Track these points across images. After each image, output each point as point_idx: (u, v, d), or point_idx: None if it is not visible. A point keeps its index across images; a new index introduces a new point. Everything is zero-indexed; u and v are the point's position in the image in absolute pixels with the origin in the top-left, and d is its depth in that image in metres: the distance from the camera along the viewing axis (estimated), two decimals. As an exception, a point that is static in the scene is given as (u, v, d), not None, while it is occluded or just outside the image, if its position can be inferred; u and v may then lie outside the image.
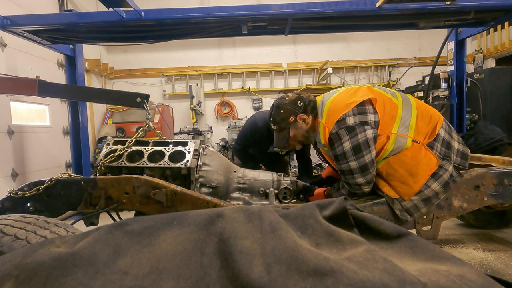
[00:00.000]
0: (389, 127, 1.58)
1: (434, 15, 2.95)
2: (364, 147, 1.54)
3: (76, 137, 3.82)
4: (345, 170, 1.61)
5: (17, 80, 2.45)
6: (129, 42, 3.62)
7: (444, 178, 1.58)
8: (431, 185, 1.58)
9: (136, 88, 6.72)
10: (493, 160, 2.10)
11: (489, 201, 1.70)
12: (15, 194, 1.56)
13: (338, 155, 1.60)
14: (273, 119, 1.81)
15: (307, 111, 1.74)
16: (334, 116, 1.59)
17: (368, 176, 1.59)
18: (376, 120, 1.57)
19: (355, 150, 1.54)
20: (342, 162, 1.60)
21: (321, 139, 1.67)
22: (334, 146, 1.60)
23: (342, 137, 1.56)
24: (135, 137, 1.86)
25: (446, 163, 1.60)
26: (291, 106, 1.75)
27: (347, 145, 1.56)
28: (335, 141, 1.59)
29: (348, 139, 1.55)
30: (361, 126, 1.54)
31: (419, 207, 1.59)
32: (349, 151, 1.56)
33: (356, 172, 1.58)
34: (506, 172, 1.69)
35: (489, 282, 0.59)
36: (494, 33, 5.64)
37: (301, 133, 1.78)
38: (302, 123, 1.75)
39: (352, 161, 1.56)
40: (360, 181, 1.60)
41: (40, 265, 0.57)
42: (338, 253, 0.70)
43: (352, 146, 1.54)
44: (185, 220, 0.73)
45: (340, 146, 1.57)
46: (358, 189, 1.64)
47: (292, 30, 3.20)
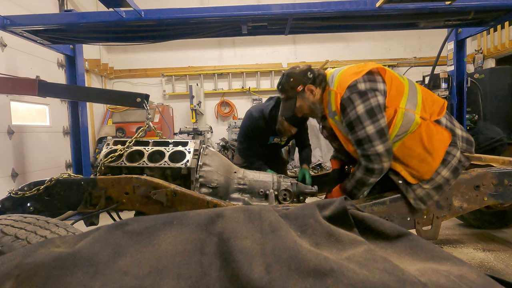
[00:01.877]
0: (397, 101, 1.57)
1: (434, 15, 2.95)
2: (377, 111, 1.52)
3: (76, 137, 3.82)
4: (362, 138, 1.53)
5: (17, 80, 2.45)
6: (129, 42, 3.61)
7: (452, 164, 1.59)
8: (441, 172, 1.58)
9: (136, 88, 6.72)
10: (493, 160, 2.10)
11: (489, 201, 1.70)
12: (15, 194, 1.56)
13: (352, 120, 1.55)
14: (282, 87, 1.82)
15: (315, 83, 1.74)
16: (345, 82, 1.59)
17: (386, 143, 1.52)
18: (384, 89, 1.57)
19: (369, 113, 1.52)
20: (358, 129, 1.54)
21: (332, 107, 1.65)
22: (346, 111, 1.56)
23: (355, 101, 1.54)
24: (135, 137, 1.86)
25: (453, 148, 1.60)
26: (301, 76, 1.76)
27: (360, 108, 1.53)
28: (348, 106, 1.55)
29: (361, 103, 1.53)
30: (372, 91, 1.54)
31: (431, 195, 1.60)
32: (364, 115, 1.52)
33: (374, 138, 1.51)
34: (506, 172, 1.69)
35: (489, 282, 0.59)
36: (494, 33, 5.64)
37: (307, 104, 1.77)
38: (309, 94, 1.74)
39: (369, 125, 1.52)
40: (380, 149, 1.52)
41: (40, 265, 0.57)
42: (338, 253, 0.70)
43: (366, 110, 1.52)
44: (185, 220, 0.73)
45: (353, 110, 1.54)
46: (378, 161, 1.53)
47: (292, 30, 3.21)
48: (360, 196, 1.68)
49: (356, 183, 1.64)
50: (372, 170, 1.57)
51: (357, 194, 1.67)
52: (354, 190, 1.66)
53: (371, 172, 1.57)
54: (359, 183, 1.63)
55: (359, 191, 1.66)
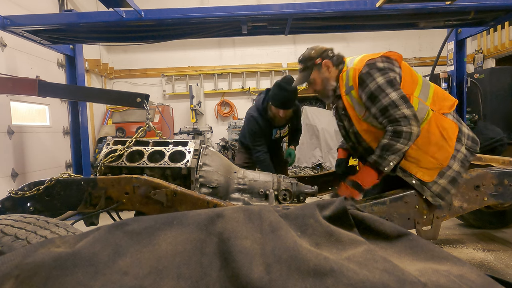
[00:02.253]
0: (412, 89, 1.61)
1: (434, 15, 2.95)
2: (396, 83, 1.56)
3: (76, 137, 3.82)
4: (388, 104, 1.52)
5: (17, 80, 2.45)
6: (129, 42, 3.62)
7: (459, 158, 1.63)
8: (452, 165, 1.61)
9: (136, 88, 6.72)
10: (493, 160, 2.10)
11: (489, 201, 1.70)
12: (15, 194, 1.56)
13: (373, 90, 1.55)
14: (303, 57, 1.87)
15: (333, 61, 1.80)
16: (363, 61, 1.63)
17: (412, 109, 1.52)
18: (400, 73, 1.62)
19: (390, 83, 1.54)
20: (382, 97, 1.53)
21: (349, 81, 1.67)
22: (365, 83, 1.58)
23: (374, 74, 1.57)
24: (135, 137, 1.86)
25: (457, 144, 1.63)
26: (322, 51, 1.82)
27: (380, 79, 1.55)
28: (366, 79, 1.58)
29: (381, 75, 1.56)
30: (389, 69, 1.59)
31: (448, 189, 1.61)
32: (385, 84, 1.54)
33: (400, 103, 1.51)
34: (506, 172, 1.69)
35: (489, 282, 0.59)
36: (494, 33, 5.64)
37: (320, 78, 1.81)
38: (325, 69, 1.79)
39: (392, 92, 1.52)
40: (408, 112, 1.50)
41: (40, 265, 0.57)
42: (338, 253, 0.70)
43: (386, 81, 1.54)
44: (185, 220, 0.73)
45: (374, 81, 1.56)
46: (407, 123, 1.49)
47: (292, 30, 3.21)
48: (386, 169, 1.53)
49: (381, 150, 1.54)
50: (400, 132, 1.50)
51: (382, 164, 1.54)
52: (379, 160, 1.55)
53: (399, 134, 1.51)
54: (384, 149, 1.53)
55: (384, 159, 1.53)
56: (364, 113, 1.66)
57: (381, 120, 1.59)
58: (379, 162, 1.55)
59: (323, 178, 2.60)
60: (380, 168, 1.56)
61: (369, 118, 1.65)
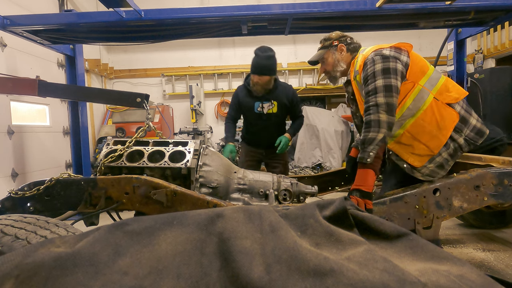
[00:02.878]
0: (417, 78, 1.69)
1: (434, 15, 2.95)
2: (393, 72, 1.62)
3: (76, 137, 3.82)
4: (370, 90, 1.62)
5: (17, 80, 2.45)
6: (129, 42, 3.62)
7: (452, 147, 1.70)
8: (442, 153, 1.69)
9: (136, 88, 6.72)
10: (493, 160, 2.10)
11: (489, 201, 1.69)
12: (15, 194, 1.55)
13: (368, 75, 1.66)
14: (323, 38, 2.01)
15: (348, 46, 1.94)
16: (373, 49, 1.75)
17: (390, 98, 1.58)
18: (407, 62, 1.68)
19: (384, 71, 1.63)
20: (369, 82, 1.64)
21: (356, 66, 1.79)
22: (367, 67, 1.69)
23: (376, 61, 1.67)
24: (135, 137, 1.86)
25: (455, 134, 1.70)
26: (341, 35, 1.98)
27: (378, 66, 1.64)
28: (369, 64, 1.68)
29: (381, 63, 1.65)
30: (394, 58, 1.66)
31: (437, 171, 1.71)
32: (379, 71, 1.63)
33: (379, 90, 1.60)
34: (506, 172, 1.69)
35: (489, 282, 0.59)
36: (494, 33, 5.64)
37: (333, 59, 1.95)
38: (339, 52, 1.93)
39: (379, 80, 1.62)
40: (381, 100, 1.58)
41: (40, 265, 0.57)
42: (338, 253, 0.70)
43: (383, 68, 1.63)
44: (185, 220, 0.73)
45: (372, 67, 1.66)
46: (375, 111, 1.57)
47: (292, 30, 3.21)
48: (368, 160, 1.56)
49: (360, 145, 1.62)
50: (369, 122, 1.58)
51: (364, 157, 1.58)
52: (361, 155, 1.60)
53: (368, 124, 1.59)
54: (361, 143, 1.61)
55: (364, 152, 1.58)
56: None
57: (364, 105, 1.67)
58: (361, 157, 1.60)
59: (323, 178, 2.60)
60: (364, 161, 1.59)
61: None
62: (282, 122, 2.95)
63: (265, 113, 2.74)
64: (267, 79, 2.62)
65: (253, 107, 2.76)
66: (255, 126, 2.85)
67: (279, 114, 2.79)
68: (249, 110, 2.79)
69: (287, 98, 2.79)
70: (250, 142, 2.97)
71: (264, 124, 2.79)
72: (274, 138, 2.76)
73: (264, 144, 2.88)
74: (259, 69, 2.59)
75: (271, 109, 2.75)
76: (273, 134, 2.79)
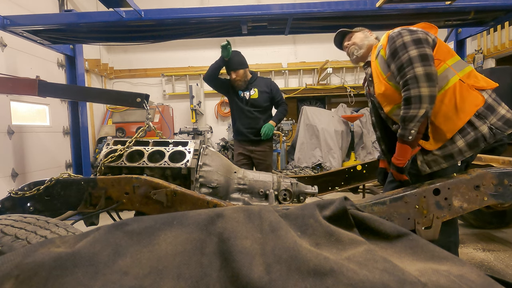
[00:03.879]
0: (445, 57, 1.60)
1: (434, 15, 2.95)
2: (424, 42, 1.54)
3: (76, 137, 3.82)
4: (404, 62, 1.52)
5: (17, 80, 2.45)
6: (129, 42, 3.62)
7: (471, 136, 1.57)
8: (457, 141, 1.59)
9: (136, 88, 6.72)
10: (493, 160, 2.10)
11: (489, 201, 1.69)
12: (15, 194, 1.55)
13: (397, 47, 1.57)
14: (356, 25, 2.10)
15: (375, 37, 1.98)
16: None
17: (428, 67, 1.48)
18: (434, 39, 1.60)
19: (415, 41, 1.53)
20: (402, 53, 1.54)
21: (382, 41, 1.73)
22: (393, 40, 1.60)
23: (403, 33, 1.58)
24: (135, 137, 1.86)
25: (479, 121, 1.58)
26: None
27: (407, 38, 1.55)
28: (396, 37, 1.60)
29: (409, 35, 1.56)
30: (422, 32, 1.59)
31: (439, 162, 1.64)
32: (409, 42, 1.54)
33: (415, 60, 1.49)
34: (506, 172, 1.69)
35: (489, 282, 0.59)
36: (494, 33, 5.64)
37: (359, 38, 1.95)
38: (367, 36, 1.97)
39: (412, 50, 1.51)
40: (419, 71, 1.47)
41: (40, 265, 0.57)
42: (338, 253, 0.70)
43: (413, 39, 1.54)
44: (185, 220, 0.73)
45: (401, 39, 1.57)
46: (414, 85, 1.48)
47: (292, 30, 3.21)
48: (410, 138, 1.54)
49: (401, 122, 1.57)
50: (408, 98, 1.50)
51: (405, 134, 1.56)
52: (402, 132, 1.57)
53: (408, 101, 1.51)
54: (402, 120, 1.56)
55: (405, 129, 1.55)
56: (388, 74, 1.68)
57: (398, 80, 1.59)
58: (402, 134, 1.58)
59: (323, 178, 2.60)
60: (405, 139, 1.58)
61: (392, 78, 1.67)
62: (266, 109, 3.12)
63: (248, 99, 3.05)
64: (242, 72, 2.97)
65: (238, 93, 3.07)
66: (241, 111, 3.06)
67: (260, 99, 3.05)
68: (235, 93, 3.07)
69: (266, 85, 3.10)
70: (240, 131, 3.11)
71: (249, 109, 3.03)
72: (261, 125, 3.03)
73: (254, 132, 3.05)
74: (233, 66, 2.93)
75: (253, 95, 3.06)
76: (258, 121, 3.04)
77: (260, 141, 3.06)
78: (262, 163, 3.09)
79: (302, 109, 6.60)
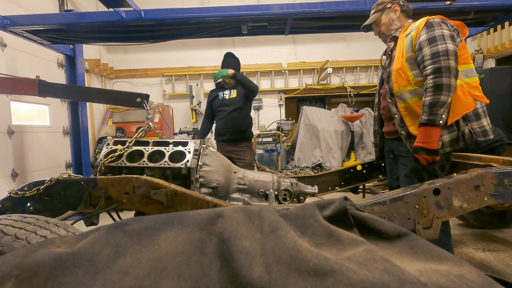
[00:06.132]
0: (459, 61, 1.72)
1: (434, 15, 2.95)
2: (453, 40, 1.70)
3: (76, 137, 3.82)
4: (442, 50, 1.66)
5: (17, 80, 2.45)
6: (129, 42, 3.62)
7: (455, 134, 1.75)
8: (443, 135, 1.74)
9: (136, 88, 6.72)
10: (493, 160, 2.10)
11: (489, 201, 1.69)
12: (15, 194, 1.55)
13: (436, 35, 1.70)
14: (377, 3, 2.08)
15: (402, 8, 2.01)
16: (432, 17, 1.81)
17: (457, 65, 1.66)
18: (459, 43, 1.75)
19: (452, 37, 1.70)
20: (440, 42, 1.67)
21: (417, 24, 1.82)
22: (433, 27, 1.73)
23: (442, 25, 1.73)
24: (135, 137, 1.86)
25: (462, 121, 1.75)
26: None
27: (446, 31, 1.70)
28: (435, 25, 1.73)
29: (448, 29, 1.72)
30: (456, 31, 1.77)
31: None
32: (448, 36, 1.69)
33: (451, 54, 1.65)
34: (506, 172, 1.69)
35: (489, 282, 0.59)
36: (494, 33, 5.64)
37: (387, 19, 2.01)
38: (393, 12, 2.00)
39: (450, 44, 1.66)
40: (453, 64, 1.64)
41: (40, 265, 0.57)
42: (338, 253, 0.70)
43: (450, 34, 1.70)
44: (185, 220, 0.73)
45: (440, 29, 1.71)
46: (448, 75, 1.63)
47: (292, 30, 3.21)
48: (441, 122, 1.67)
49: (429, 108, 1.67)
50: (441, 85, 1.64)
51: (436, 119, 1.67)
52: (431, 117, 1.67)
53: (439, 88, 1.64)
54: (432, 105, 1.66)
55: (436, 114, 1.66)
56: (411, 54, 1.80)
57: (427, 64, 1.70)
58: (433, 119, 1.67)
59: (323, 178, 2.60)
60: (436, 123, 1.68)
61: (410, 59, 1.79)
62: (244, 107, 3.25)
63: (227, 99, 3.24)
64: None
65: (217, 96, 3.30)
66: (221, 112, 3.25)
67: (237, 99, 3.22)
68: (214, 99, 3.32)
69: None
70: (219, 132, 3.28)
71: (228, 109, 3.20)
72: (238, 125, 3.20)
73: (231, 131, 3.20)
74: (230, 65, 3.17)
75: (231, 95, 3.26)
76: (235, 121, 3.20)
77: (237, 140, 3.23)
78: (241, 161, 3.19)
79: (302, 109, 6.60)
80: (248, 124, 3.31)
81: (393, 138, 2.01)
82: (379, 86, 2.15)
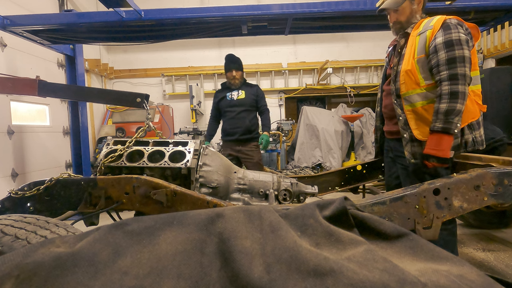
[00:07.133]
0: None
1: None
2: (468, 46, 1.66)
3: (76, 137, 3.82)
4: (459, 56, 1.63)
5: (17, 80, 2.45)
6: (129, 42, 3.62)
7: (458, 141, 1.73)
8: None
9: (136, 88, 6.72)
10: (493, 160, 2.10)
11: (489, 201, 1.69)
12: (15, 194, 1.55)
13: (453, 39, 1.65)
14: None
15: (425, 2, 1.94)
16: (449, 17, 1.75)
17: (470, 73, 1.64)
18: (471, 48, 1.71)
19: (467, 43, 1.66)
20: (457, 48, 1.63)
21: (432, 22, 1.75)
22: (450, 29, 1.66)
23: (459, 28, 1.67)
24: (135, 137, 1.86)
25: (467, 129, 1.73)
26: None
27: (462, 35, 1.65)
28: (452, 27, 1.67)
29: (464, 33, 1.67)
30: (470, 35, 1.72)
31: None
32: (464, 41, 1.64)
33: (467, 61, 1.62)
34: (506, 172, 1.69)
35: (489, 282, 0.59)
36: (494, 33, 5.64)
37: (409, 9, 1.90)
38: (417, 3, 1.90)
39: (466, 50, 1.63)
40: (468, 72, 1.62)
41: (40, 265, 0.57)
42: (338, 253, 0.70)
43: (466, 39, 1.65)
44: (185, 220, 0.73)
45: (457, 32, 1.65)
46: (463, 83, 1.61)
47: (292, 30, 3.21)
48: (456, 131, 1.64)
49: (445, 115, 1.63)
50: (456, 93, 1.61)
51: (451, 128, 1.63)
52: (446, 125, 1.63)
53: (455, 95, 1.61)
54: (447, 114, 1.63)
55: (451, 123, 1.63)
56: (423, 55, 1.74)
57: (442, 69, 1.65)
58: (448, 127, 1.64)
59: (323, 178, 2.60)
60: (451, 132, 1.65)
61: (421, 62, 1.73)
62: (251, 108, 3.29)
63: (235, 99, 3.25)
64: (241, 73, 3.28)
65: (225, 97, 3.28)
66: (229, 113, 3.24)
67: (246, 100, 3.25)
68: (222, 99, 3.31)
69: (253, 90, 3.32)
70: (228, 132, 3.26)
71: (237, 110, 3.21)
72: (247, 125, 3.20)
73: (240, 131, 3.20)
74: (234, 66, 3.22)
75: (239, 96, 3.27)
76: (244, 121, 3.21)
77: (246, 140, 3.22)
78: (250, 161, 3.20)
79: (302, 109, 6.60)
80: (256, 124, 3.32)
81: (393, 138, 2.01)
82: (382, 81, 2.09)
